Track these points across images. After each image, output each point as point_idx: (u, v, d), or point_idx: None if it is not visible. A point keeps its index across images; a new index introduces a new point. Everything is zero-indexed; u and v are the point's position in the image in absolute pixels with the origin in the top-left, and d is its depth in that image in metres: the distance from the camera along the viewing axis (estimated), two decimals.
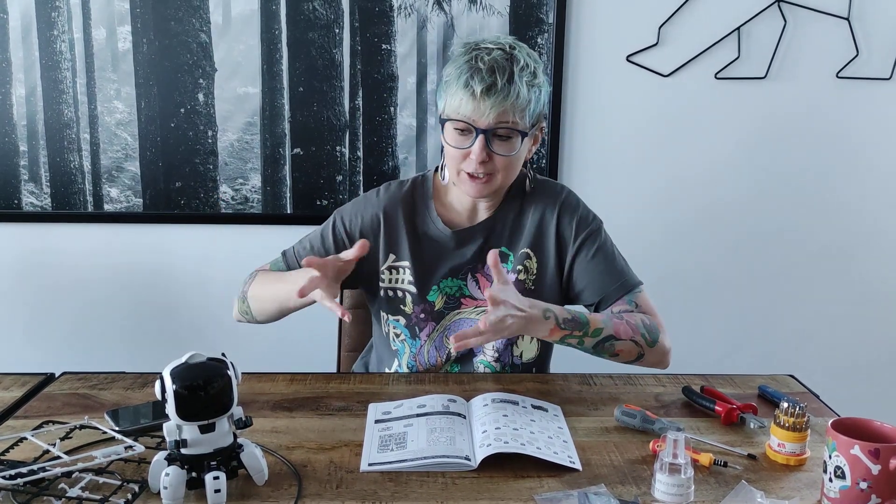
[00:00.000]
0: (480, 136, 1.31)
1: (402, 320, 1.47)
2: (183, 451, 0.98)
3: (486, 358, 1.47)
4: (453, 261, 1.46)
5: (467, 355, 1.47)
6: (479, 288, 1.46)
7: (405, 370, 1.49)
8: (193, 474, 0.98)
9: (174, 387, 0.96)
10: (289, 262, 1.51)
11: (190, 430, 0.98)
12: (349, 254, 1.28)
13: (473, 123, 1.31)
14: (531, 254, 1.46)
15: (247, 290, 1.48)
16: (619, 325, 1.34)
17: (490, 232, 1.46)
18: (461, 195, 1.44)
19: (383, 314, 1.50)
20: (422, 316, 1.46)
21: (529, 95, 1.32)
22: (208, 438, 0.99)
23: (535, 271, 1.46)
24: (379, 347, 1.56)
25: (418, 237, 1.46)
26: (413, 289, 1.46)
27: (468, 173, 1.36)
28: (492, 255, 1.24)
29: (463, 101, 1.31)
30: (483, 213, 1.47)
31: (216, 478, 0.96)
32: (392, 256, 1.47)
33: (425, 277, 1.46)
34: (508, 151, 1.34)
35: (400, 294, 1.47)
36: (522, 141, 1.35)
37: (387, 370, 1.53)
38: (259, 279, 1.48)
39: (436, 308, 1.46)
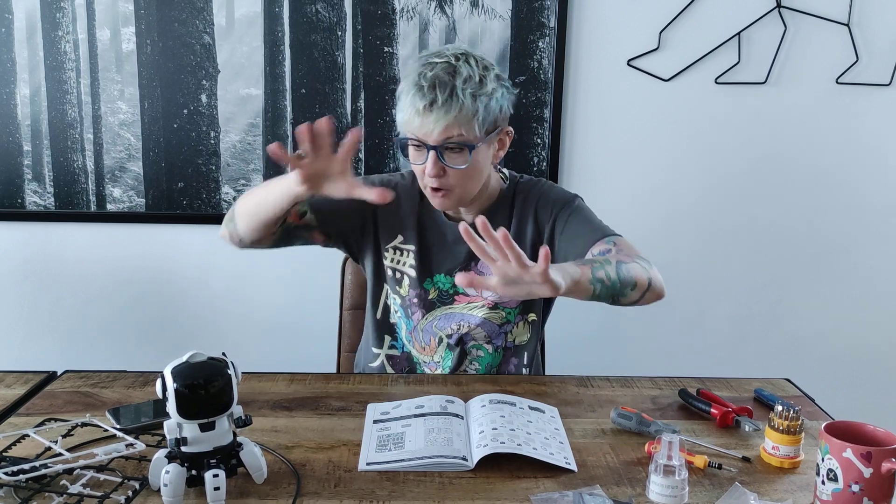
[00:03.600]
0: (431, 153, 1.34)
1: (398, 300, 1.52)
2: (183, 449, 0.99)
3: (479, 342, 1.51)
4: (448, 258, 1.49)
5: (458, 342, 1.50)
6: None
7: (402, 345, 1.54)
8: (193, 472, 0.99)
9: (175, 385, 0.97)
10: (313, 205, 1.45)
11: (190, 429, 0.99)
12: (372, 195, 1.21)
13: (423, 140, 1.33)
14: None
15: (236, 208, 1.43)
16: (617, 255, 1.31)
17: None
18: None
19: (386, 287, 1.54)
20: (415, 300, 1.50)
21: (475, 106, 1.32)
22: (208, 437, 1.00)
23: None
24: (370, 328, 1.58)
25: (425, 227, 1.50)
26: (413, 273, 1.50)
27: (430, 187, 1.39)
28: (501, 233, 1.14)
29: (410, 118, 1.33)
30: (468, 218, 1.48)
31: (216, 475, 0.97)
32: (400, 237, 1.51)
33: (425, 266, 1.50)
34: (461, 164, 1.35)
35: (399, 275, 1.51)
36: (472, 152, 1.35)
37: (374, 350, 1.56)
38: (248, 195, 1.43)
39: (429, 297, 1.50)
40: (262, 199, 1.36)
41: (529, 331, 1.53)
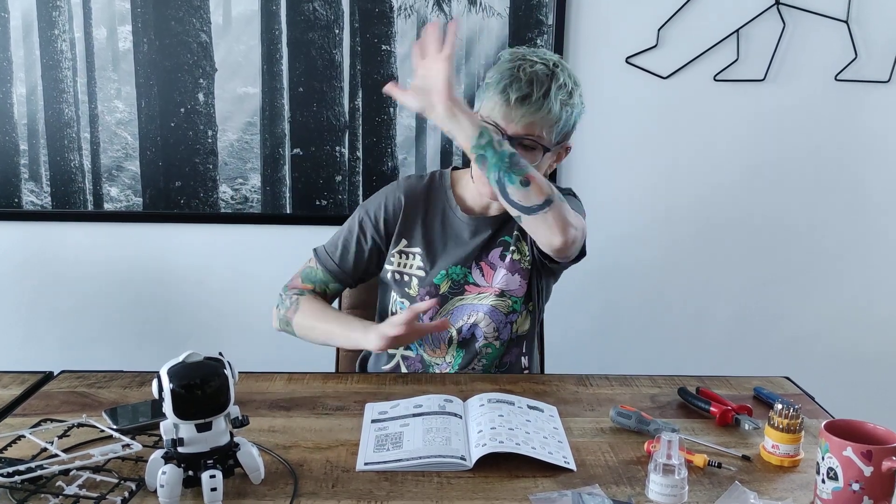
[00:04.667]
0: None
1: (407, 302, 1.52)
2: (180, 449, 0.99)
3: (489, 340, 1.51)
4: (463, 249, 1.51)
5: (470, 339, 1.52)
6: (483, 275, 1.51)
7: (415, 347, 1.54)
8: (190, 473, 0.99)
9: (171, 386, 0.97)
10: (322, 262, 1.55)
11: (187, 429, 0.99)
12: (423, 306, 1.37)
13: (503, 128, 1.36)
14: (521, 236, 1.51)
15: (291, 317, 1.51)
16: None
17: (501, 225, 1.51)
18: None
19: (393, 294, 1.56)
20: (426, 298, 1.51)
21: (561, 113, 1.37)
22: (205, 437, 0.99)
23: (527, 253, 1.51)
24: None
25: (433, 225, 1.53)
26: (421, 273, 1.52)
27: None
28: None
29: (497, 105, 1.36)
30: (495, 209, 1.51)
31: (212, 476, 0.97)
32: (404, 241, 1.53)
33: (434, 261, 1.51)
34: (530, 162, 1.35)
35: (406, 278, 1.53)
36: (544, 155, 1.40)
37: (389, 351, 1.56)
38: (308, 311, 1.50)
39: (440, 292, 1.51)
40: (329, 336, 1.49)
41: (530, 319, 1.55)
